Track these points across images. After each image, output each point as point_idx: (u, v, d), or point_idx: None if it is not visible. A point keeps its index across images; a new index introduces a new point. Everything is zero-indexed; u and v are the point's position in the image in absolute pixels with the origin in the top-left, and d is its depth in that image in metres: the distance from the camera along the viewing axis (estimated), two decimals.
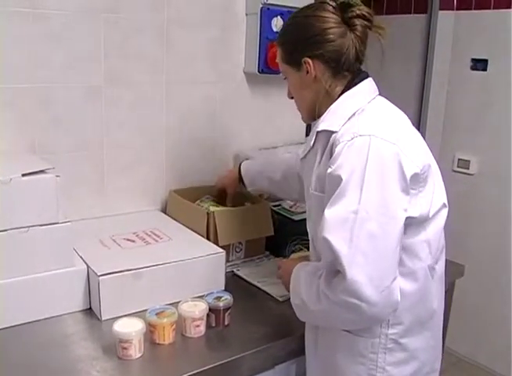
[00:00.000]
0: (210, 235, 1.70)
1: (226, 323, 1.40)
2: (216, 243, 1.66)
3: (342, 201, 1.08)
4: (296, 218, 1.87)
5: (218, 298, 1.40)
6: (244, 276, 1.69)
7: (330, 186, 1.12)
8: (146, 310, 1.35)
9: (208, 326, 1.37)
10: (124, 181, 1.88)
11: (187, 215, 1.80)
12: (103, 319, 1.40)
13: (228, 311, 1.40)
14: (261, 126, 2.20)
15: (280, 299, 1.54)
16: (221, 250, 1.59)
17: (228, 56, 2.05)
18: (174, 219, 1.85)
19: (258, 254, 1.84)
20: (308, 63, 1.22)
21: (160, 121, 1.93)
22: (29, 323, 1.37)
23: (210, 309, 1.36)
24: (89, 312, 1.45)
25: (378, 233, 1.06)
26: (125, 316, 1.37)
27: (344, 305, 1.06)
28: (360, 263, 1.04)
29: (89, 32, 1.71)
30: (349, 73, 1.23)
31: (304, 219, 1.61)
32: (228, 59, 2.05)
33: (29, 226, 1.31)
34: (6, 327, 1.34)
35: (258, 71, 2.04)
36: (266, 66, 2.02)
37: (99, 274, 1.37)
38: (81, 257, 1.47)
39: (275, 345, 1.33)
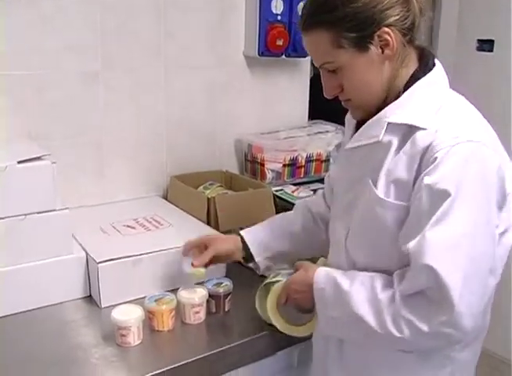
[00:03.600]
0: (211, 220, 1.68)
1: (226, 309, 1.39)
2: (217, 228, 1.65)
3: (449, 222, 0.95)
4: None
5: (218, 284, 1.38)
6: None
7: (431, 200, 0.97)
8: (145, 297, 1.34)
9: (208, 312, 1.36)
10: (124, 167, 1.87)
11: (188, 201, 1.79)
12: (103, 306, 1.39)
13: (229, 297, 1.38)
14: (262, 110, 2.17)
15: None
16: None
17: (228, 40, 2.02)
18: (175, 205, 1.84)
19: None
20: (388, 33, 1.00)
21: (159, 107, 1.90)
22: (28, 311, 1.36)
23: (210, 295, 1.35)
24: (89, 299, 1.44)
25: (482, 258, 0.98)
26: (125, 303, 1.36)
27: (438, 335, 0.98)
28: (466, 294, 0.95)
29: (85, 16, 1.69)
30: (415, 49, 1.09)
31: None
32: (227, 43, 2.02)
33: (26, 214, 1.30)
34: (5, 316, 1.33)
35: (258, 54, 2.00)
36: (266, 49, 1.99)
37: (98, 261, 1.35)
38: (80, 244, 1.46)
39: (276, 332, 1.31)
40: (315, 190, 1.96)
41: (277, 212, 1.76)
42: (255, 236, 1.42)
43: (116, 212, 1.75)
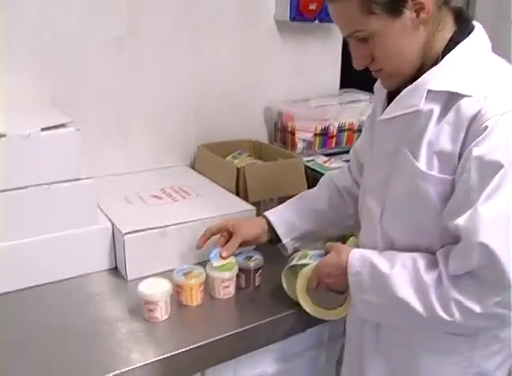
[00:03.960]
0: (240, 191, 1.62)
1: (257, 284, 1.34)
2: (246, 199, 1.59)
3: (503, 195, 0.89)
4: None
5: (248, 258, 1.33)
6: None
7: (481, 173, 0.90)
8: (173, 270, 1.29)
9: (238, 287, 1.31)
10: (150, 135, 1.81)
11: (216, 171, 1.73)
12: (129, 279, 1.35)
13: (259, 271, 1.33)
14: (292, 78, 2.08)
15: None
16: (251, 206, 1.52)
17: (258, 3, 1.93)
18: (203, 175, 1.78)
19: None
20: None
21: (187, 73, 1.83)
22: (52, 282, 1.32)
23: (240, 270, 1.30)
24: (115, 271, 1.40)
25: None
26: (152, 275, 1.32)
27: (491, 316, 0.93)
28: None
29: None
30: (451, 11, 1.00)
31: None
32: (257, 7, 1.93)
33: (50, 183, 1.25)
34: (30, 287, 1.30)
35: (290, 19, 1.91)
36: (298, 14, 1.90)
37: (124, 232, 1.31)
38: (105, 215, 1.41)
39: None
40: (348, 161, 1.88)
41: (308, 183, 1.70)
42: (281, 217, 1.36)
43: (142, 182, 1.70)
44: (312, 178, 1.74)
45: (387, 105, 1.07)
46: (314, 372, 1.49)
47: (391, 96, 1.07)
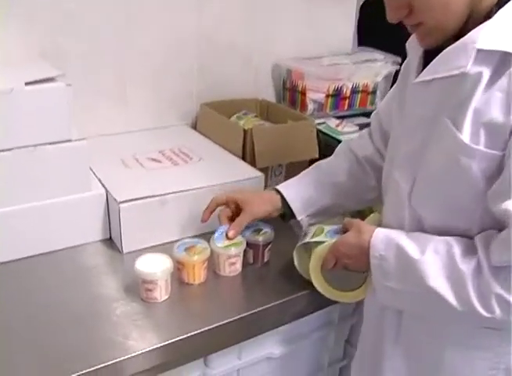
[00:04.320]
0: (247, 155, 1.49)
1: (266, 259, 1.22)
2: (253, 164, 1.45)
3: None
4: (343, 138, 1.64)
5: (257, 232, 1.20)
6: None
7: None
8: (173, 242, 1.17)
9: (245, 262, 1.19)
10: (149, 92, 1.65)
11: (221, 132, 1.59)
12: (125, 251, 1.22)
13: (269, 246, 1.21)
14: (304, 33, 1.91)
15: None
16: (259, 173, 1.39)
17: None
18: (206, 137, 1.64)
19: None
20: None
21: (191, 24, 1.66)
22: (41, 254, 1.20)
23: (247, 244, 1.17)
24: (109, 242, 1.27)
25: None
26: (150, 248, 1.20)
27: None
28: None
29: None
30: None
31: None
32: None
33: (36, 145, 1.11)
34: (17, 259, 1.18)
35: None
36: None
37: (119, 201, 1.18)
38: (99, 180, 1.28)
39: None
40: (360, 126, 1.74)
41: (319, 148, 1.57)
42: (296, 191, 1.22)
43: (139, 143, 1.56)
44: (324, 142, 1.61)
45: (423, 66, 0.92)
46: (321, 352, 1.40)
47: (427, 56, 0.92)
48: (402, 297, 0.93)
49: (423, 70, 0.91)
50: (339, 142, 1.62)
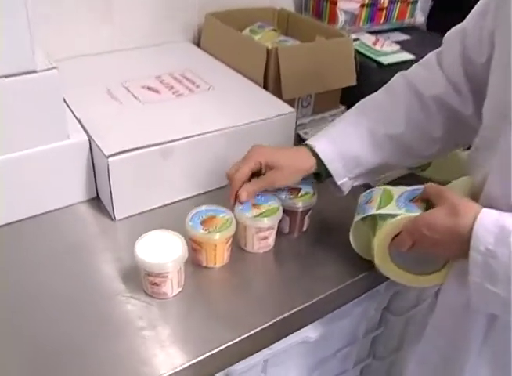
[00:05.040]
0: (269, 83, 1.15)
1: (304, 228, 0.92)
2: (278, 95, 1.12)
3: None
4: (385, 60, 1.30)
5: (295, 193, 0.89)
6: None
7: None
8: (179, 202, 0.88)
9: (278, 232, 0.89)
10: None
11: (234, 52, 1.23)
12: (118, 218, 0.92)
13: (309, 212, 0.91)
14: None
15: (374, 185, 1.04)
16: (290, 108, 1.06)
17: None
18: (214, 56, 1.29)
19: (331, 109, 1.30)
20: None
21: None
22: (11, 223, 0.90)
23: (284, 211, 0.87)
24: (96, 203, 0.96)
25: None
26: (148, 212, 0.90)
27: None
28: None
29: None
30: None
31: (398, 65, 1.11)
32: None
33: None
34: None
35: None
36: None
37: (107, 154, 0.85)
38: (78, 121, 0.95)
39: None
40: (400, 43, 1.40)
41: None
42: (336, 148, 0.87)
43: (129, 66, 1.21)
44: (360, 65, 1.27)
45: None
46: (359, 325, 1.13)
47: None
48: (508, 306, 0.66)
49: None
50: (378, 65, 1.30)
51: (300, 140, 1.14)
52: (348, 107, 1.30)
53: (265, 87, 1.15)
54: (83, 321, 0.73)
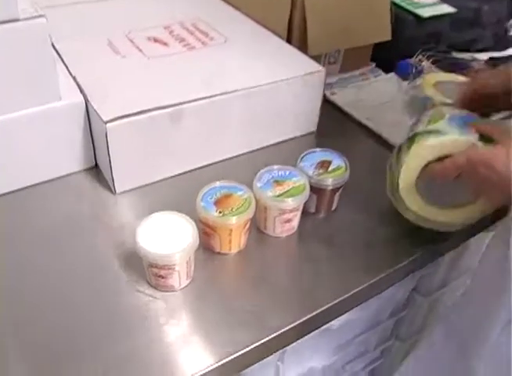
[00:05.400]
0: (293, 36, 1.01)
1: (333, 207, 0.80)
2: (303, 49, 0.98)
3: None
4: (423, 13, 1.15)
5: (323, 166, 0.77)
6: (345, 108, 1.04)
7: None
8: (189, 172, 0.77)
9: (304, 211, 0.76)
10: None
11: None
12: (118, 191, 0.80)
13: (340, 190, 0.78)
14: None
15: None
16: (318, 66, 0.92)
17: None
18: (230, 4, 1.14)
19: (361, 67, 1.16)
20: None
21: None
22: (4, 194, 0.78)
23: (311, 188, 0.74)
24: (95, 173, 0.84)
25: None
26: (153, 184, 0.78)
27: None
28: None
29: None
30: None
31: (437, 18, 1.02)
32: None
33: None
34: None
35: None
36: None
37: (105, 120, 0.73)
38: (74, 78, 0.82)
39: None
40: None
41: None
42: None
43: (134, 14, 1.06)
44: (395, 17, 1.12)
45: None
46: (385, 309, 1.04)
47: None
48: None
49: None
50: (416, 18, 1.15)
51: (325, 101, 1.01)
52: (380, 65, 1.17)
53: (288, 40, 1.01)
54: (80, 319, 0.62)
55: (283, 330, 0.63)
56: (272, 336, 0.62)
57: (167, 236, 0.63)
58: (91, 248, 0.71)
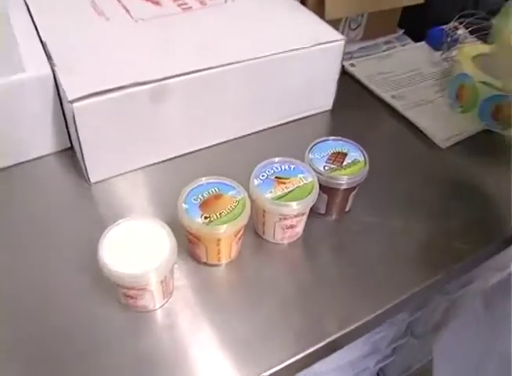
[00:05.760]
0: None
1: (347, 208, 0.67)
2: (319, 13, 0.83)
3: None
4: None
5: (336, 160, 0.64)
6: (366, 82, 0.90)
7: None
8: (173, 159, 0.65)
9: (312, 212, 0.63)
10: None
11: None
12: (93, 181, 0.68)
13: (356, 189, 0.65)
14: None
15: (442, 145, 0.78)
16: (338, 34, 0.78)
17: None
18: None
19: (387, 34, 1.01)
20: None
21: None
22: None
23: (320, 187, 0.61)
24: (70, 155, 0.72)
25: None
26: (132, 172, 0.67)
27: None
28: None
29: None
30: None
31: None
32: None
33: None
34: None
35: None
36: None
37: (71, 99, 0.60)
38: (44, 45, 0.69)
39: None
40: None
41: None
42: None
43: None
44: None
45: None
46: None
47: None
48: None
49: None
50: None
51: (343, 73, 0.86)
52: (408, 32, 1.02)
53: (303, 2, 0.86)
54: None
55: (278, 367, 0.51)
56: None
57: (138, 250, 0.51)
58: (56, 247, 0.59)
